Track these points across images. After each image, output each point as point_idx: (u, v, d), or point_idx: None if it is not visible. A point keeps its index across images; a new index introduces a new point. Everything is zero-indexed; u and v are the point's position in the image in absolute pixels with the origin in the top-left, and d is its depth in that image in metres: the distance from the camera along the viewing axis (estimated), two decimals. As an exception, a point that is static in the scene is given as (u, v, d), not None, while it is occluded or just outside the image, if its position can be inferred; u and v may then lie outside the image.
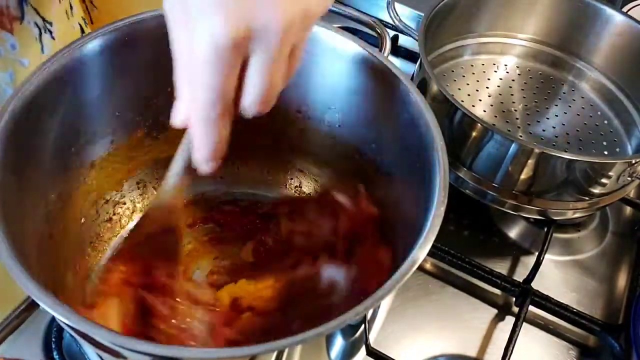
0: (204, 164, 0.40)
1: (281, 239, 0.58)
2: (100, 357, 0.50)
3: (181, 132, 0.61)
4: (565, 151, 0.64)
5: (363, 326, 0.53)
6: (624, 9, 0.84)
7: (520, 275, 0.64)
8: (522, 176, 0.61)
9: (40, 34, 0.58)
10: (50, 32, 0.59)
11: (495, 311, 0.63)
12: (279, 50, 0.36)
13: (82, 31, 0.65)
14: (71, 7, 0.62)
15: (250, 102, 0.38)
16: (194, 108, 0.38)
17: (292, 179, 0.65)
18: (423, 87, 0.65)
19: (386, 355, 0.55)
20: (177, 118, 0.40)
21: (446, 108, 0.61)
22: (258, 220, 0.62)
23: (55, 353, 0.52)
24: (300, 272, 0.54)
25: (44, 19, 0.58)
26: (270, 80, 0.37)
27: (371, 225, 0.55)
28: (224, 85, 0.36)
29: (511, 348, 0.56)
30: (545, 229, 0.67)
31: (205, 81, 0.36)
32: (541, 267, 0.63)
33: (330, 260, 0.54)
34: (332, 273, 0.53)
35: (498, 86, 0.77)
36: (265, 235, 0.60)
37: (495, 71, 0.79)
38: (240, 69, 0.37)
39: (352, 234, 0.55)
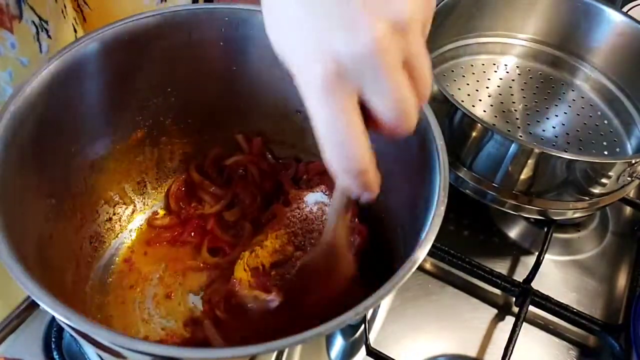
0: (365, 196, 0.38)
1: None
2: (100, 357, 0.50)
3: (179, 132, 0.62)
4: (565, 151, 0.64)
5: (363, 326, 0.53)
6: (624, 9, 0.84)
7: (520, 275, 0.64)
8: (522, 176, 0.61)
9: (38, 32, 0.58)
10: (47, 31, 0.59)
11: (495, 311, 0.63)
12: (386, 72, 0.33)
13: (75, 30, 0.65)
14: (65, 7, 0.63)
15: (388, 130, 0.35)
16: (327, 146, 0.36)
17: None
18: (423, 87, 0.65)
19: (386, 355, 0.55)
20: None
21: (446, 108, 0.61)
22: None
23: (55, 353, 0.52)
24: (287, 212, 0.56)
25: (40, 18, 0.58)
26: (395, 103, 0.34)
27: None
28: (344, 128, 0.34)
29: (511, 348, 0.56)
30: (545, 229, 0.67)
31: (325, 135, 0.35)
32: (541, 267, 0.63)
33: (301, 191, 0.57)
34: (312, 197, 0.55)
35: (498, 86, 0.77)
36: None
37: (495, 71, 0.79)
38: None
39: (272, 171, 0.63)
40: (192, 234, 0.61)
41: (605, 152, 0.71)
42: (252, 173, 0.63)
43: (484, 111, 0.74)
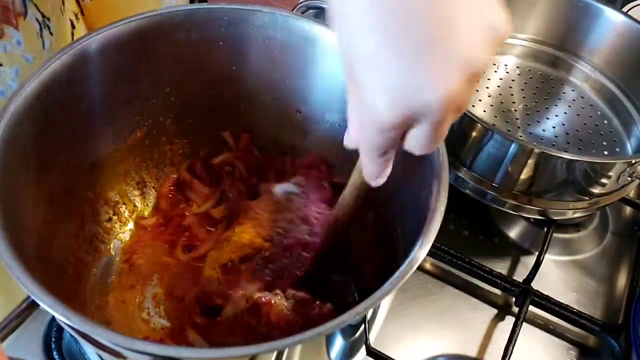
0: (371, 181, 0.43)
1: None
2: (100, 357, 0.50)
3: (178, 132, 0.62)
4: (565, 151, 0.64)
5: (363, 326, 0.53)
6: (624, 9, 0.84)
7: (520, 275, 0.64)
8: (522, 176, 0.61)
9: (41, 29, 0.58)
10: (49, 28, 0.59)
11: (495, 311, 0.63)
12: (442, 122, 0.35)
13: (73, 26, 0.65)
14: (63, 3, 0.62)
15: (412, 150, 0.38)
16: (361, 145, 0.40)
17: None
18: (423, 87, 0.65)
19: (386, 355, 0.55)
20: (349, 143, 0.42)
21: (446, 108, 0.61)
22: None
23: (55, 353, 0.52)
24: (253, 205, 0.56)
25: (42, 15, 0.58)
26: (426, 148, 0.37)
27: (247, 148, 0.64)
28: (386, 145, 0.38)
29: (511, 348, 0.56)
30: (545, 229, 0.67)
31: (370, 143, 0.38)
32: (541, 267, 0.63)
33: (270, 183, 0.58)
34: (281, 188, 0.56)
35: (498, 86, 0.77)
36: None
37: (495, 71, 0.79)
38: None
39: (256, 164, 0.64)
40: (176, 233, 0.61)
41: (605, 152, 0.71)
42: (239, 169, 0.63)
43: (484, 111, 0.74)
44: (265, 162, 0.64)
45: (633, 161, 0.59)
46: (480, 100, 0.75)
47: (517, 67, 0.80)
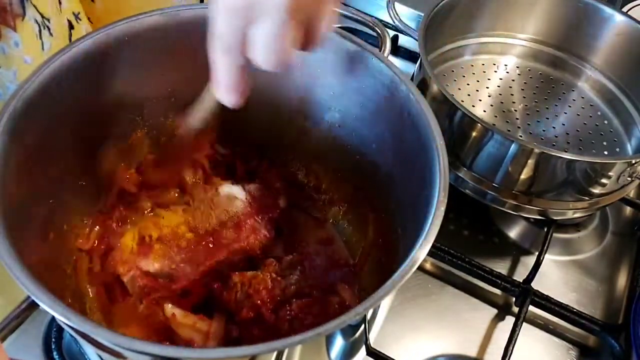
0: (223, 96, 0.44)
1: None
2: (100, 357, 0.50)
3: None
4: (565, 151, 0.64)
5: (363, 326, 0.53)
6: (624, 9, 0.84)
7: (520, 275, 0.64)
8: (522, 176, 0.61)
9: (40, 30, 0.58)
10: (49, 29, 0.59)
11: (495, 311, 0.63)
12: (282, 23, 0.37)
13: (72, 27, 0.65)
14: (60, 2, 0.62)
15: (259, 61, 0.40)
16: (214, 43, 0.42)
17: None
18: (423, 87, 0.65)
19: (386, 355, 0.55)
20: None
21: (446, 108, 0.61)
22: None
23: (55, 353, 0.52)
24: (196, 195, 0.57)
25: (42, 15, 0.58)
26: (275, 47, 0.38)
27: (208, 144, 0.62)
28: (233, 35, 0.39)
29: (511, 348, 0.56)
30: (545, 229, 0.67)
31: (219, 31, 0.40)
32: (541, 267, 0.63)
33: (221, 179, 0.59)
34: (227, 188, 0.57)
35: (498, 86, 0.77)
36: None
37: (495, 71, 0.79)
38: None
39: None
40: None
41: (605, 152, 0.71)
42: (202, 164, 0.61)
43: (484, 111, 0.74)
44: (235, 156, 0.63)
45: (633, 161, 0.59)
46: (480, 100, 0.75)
47: (517, 67, 0.80)
